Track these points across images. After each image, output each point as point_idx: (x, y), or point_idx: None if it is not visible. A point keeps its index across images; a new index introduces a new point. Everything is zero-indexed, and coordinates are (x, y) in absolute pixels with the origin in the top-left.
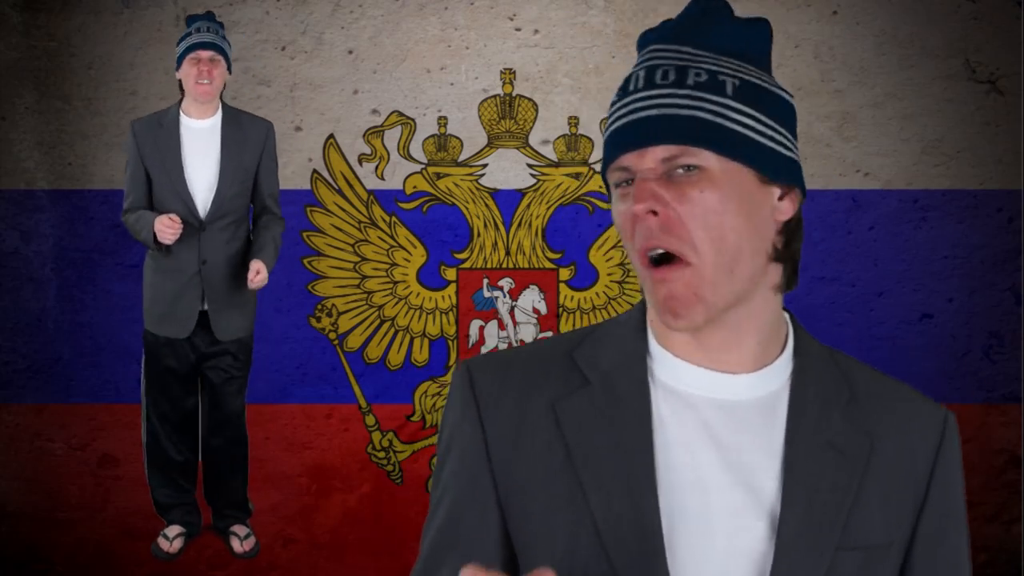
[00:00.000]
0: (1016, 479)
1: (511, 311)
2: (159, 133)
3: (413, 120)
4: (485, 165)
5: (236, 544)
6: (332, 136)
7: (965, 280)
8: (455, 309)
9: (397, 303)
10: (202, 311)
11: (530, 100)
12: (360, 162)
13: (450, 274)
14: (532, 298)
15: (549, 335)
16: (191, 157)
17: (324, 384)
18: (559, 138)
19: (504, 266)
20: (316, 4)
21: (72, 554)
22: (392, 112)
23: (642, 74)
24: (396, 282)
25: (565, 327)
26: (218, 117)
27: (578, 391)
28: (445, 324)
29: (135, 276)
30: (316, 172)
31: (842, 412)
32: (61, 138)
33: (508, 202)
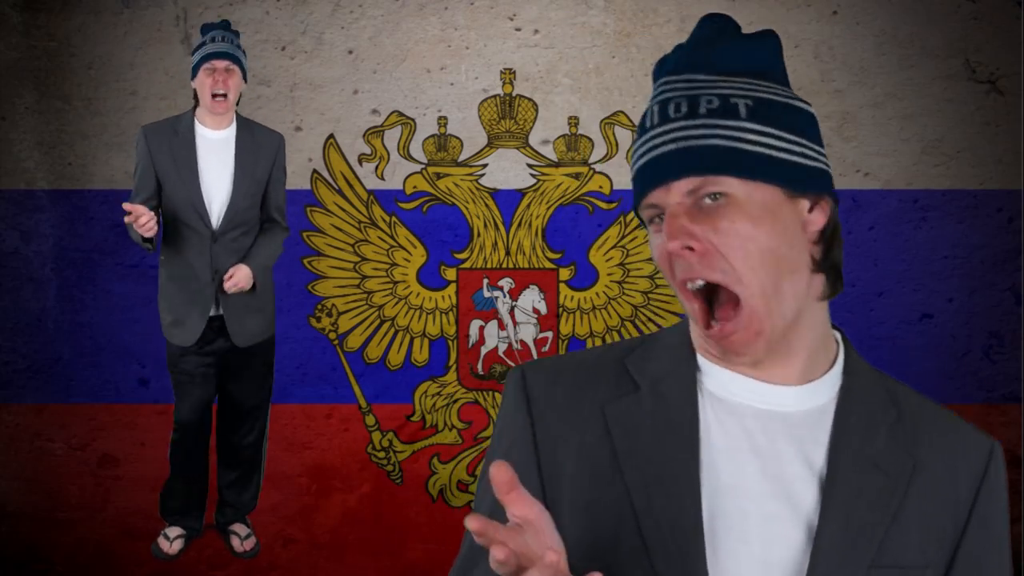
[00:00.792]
0: (1016, 479)
1: (511, 311)
2: (174, 141)
3: (413, 120)
4: (485, 165)
5: (236, 543)
6: (332, 136)
7: (965, 280)
8: (455, 309)
9: (397, 303)
10: (218, 316)
11: (530, 100)
12: (360, 162)
13: (450, 274)
14: (532, 298)
15: (549, 336)
16: (206, 168)
17: (324, 384)
18: (559, 138)
19: (504, 266)
20: (316, 4)
21: (72, 554)
22: (392, 112)
23: (656, 109)
24: (396, 282)
25: (565, 327)
26: (233, 128)
27: (628, 395)
28: (445, 324)
29: (135, 276)
30: (316, 172)
31: (888, 432)
32: (61, 138)
33: (508, 202)
